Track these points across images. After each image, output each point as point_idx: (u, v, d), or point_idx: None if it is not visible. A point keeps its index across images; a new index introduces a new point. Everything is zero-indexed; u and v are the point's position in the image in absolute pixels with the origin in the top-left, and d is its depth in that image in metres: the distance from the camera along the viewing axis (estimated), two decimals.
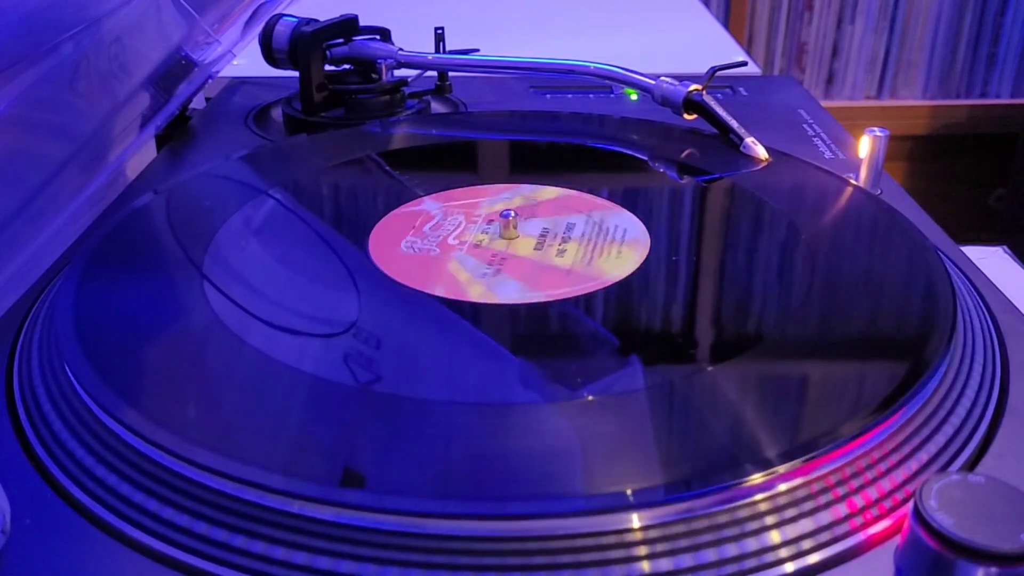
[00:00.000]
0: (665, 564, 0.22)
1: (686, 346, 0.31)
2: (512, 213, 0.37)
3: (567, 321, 0.32)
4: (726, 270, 0.36)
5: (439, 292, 0.33)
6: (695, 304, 0.34)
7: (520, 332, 0.32)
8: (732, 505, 0.23)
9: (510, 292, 0.33)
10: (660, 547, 0.22)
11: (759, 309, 0.33)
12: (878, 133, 0.41)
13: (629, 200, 0.40)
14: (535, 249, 0.36)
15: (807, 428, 0.26)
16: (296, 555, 0.23)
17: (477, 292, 0.33)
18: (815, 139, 0.52)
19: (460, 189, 0.42)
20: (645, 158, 0.46)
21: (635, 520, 0.23)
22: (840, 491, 0.24)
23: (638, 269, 0.34)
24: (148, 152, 0.52)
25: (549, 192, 0.41)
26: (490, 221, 0.38)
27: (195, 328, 0.31)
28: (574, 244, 0.36)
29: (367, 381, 0.28)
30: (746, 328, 0.32)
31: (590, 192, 0.41)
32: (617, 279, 0.34)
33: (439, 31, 0.56)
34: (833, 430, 0.25)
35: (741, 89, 0.61)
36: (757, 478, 0.23)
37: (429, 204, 0.40)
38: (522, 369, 0.29)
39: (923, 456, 0.26)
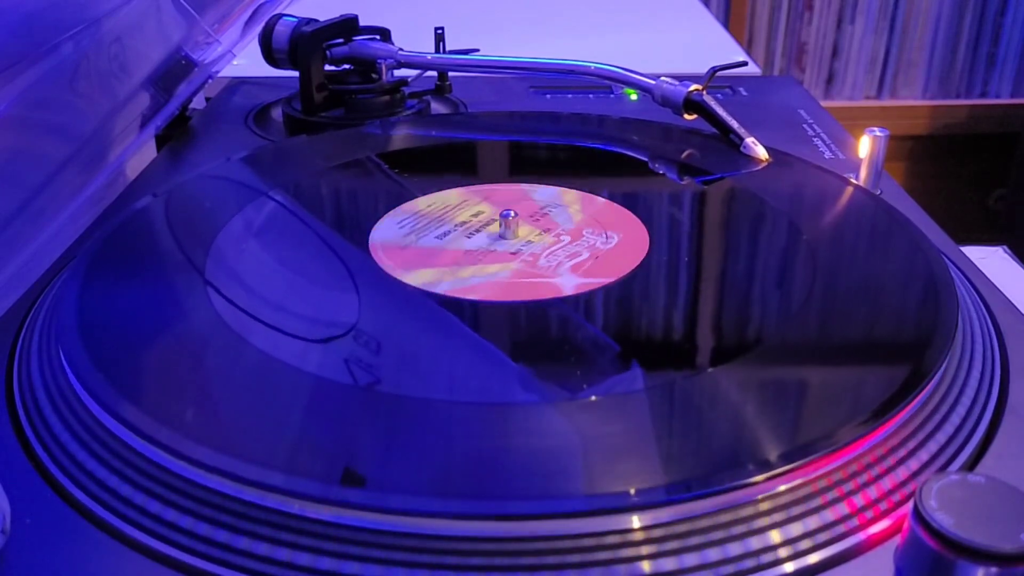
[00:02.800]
0: (666, 564, 0.22)
1: (687, 347, 0.31)
2: (512, 213, 0.37)
3: (568, 322, 0.32)
4: (727, 271, 0.36)
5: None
6: (696, 305, 0.34)
7: (521, 333, 0.32)
8: (733, 505, 0.23)
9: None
10: (661, 547, 0.22)
11: (760, 310, 0.33)
12: (878, 133, 0.41)
13: (629, 200, 0.40)
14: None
15: (808, 428, 0.26)
16: (298, 555, 0.23)
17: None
18: (815, 139, 0.52)
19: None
20: (645, 159, 0.46)
21: (636, 520, 0.23)
22: (840, 491, 0.24)
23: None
24: (148, 152, 0.52)
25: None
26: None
27: (195, 328, 0.31)
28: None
29: (368, 381, 0.28)
30: (747, 329, 0.32)
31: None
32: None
33: (439, 31, 0.56)
34: (833, 430, 0.25)
35: (741, 89, 0.61)
36: (758, 478, 0.23)
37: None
38: (523, 369, 0.29)
39: (923, 456, 0.26)
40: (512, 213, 0.37)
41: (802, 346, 0.30)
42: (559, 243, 0.36)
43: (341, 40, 0.54)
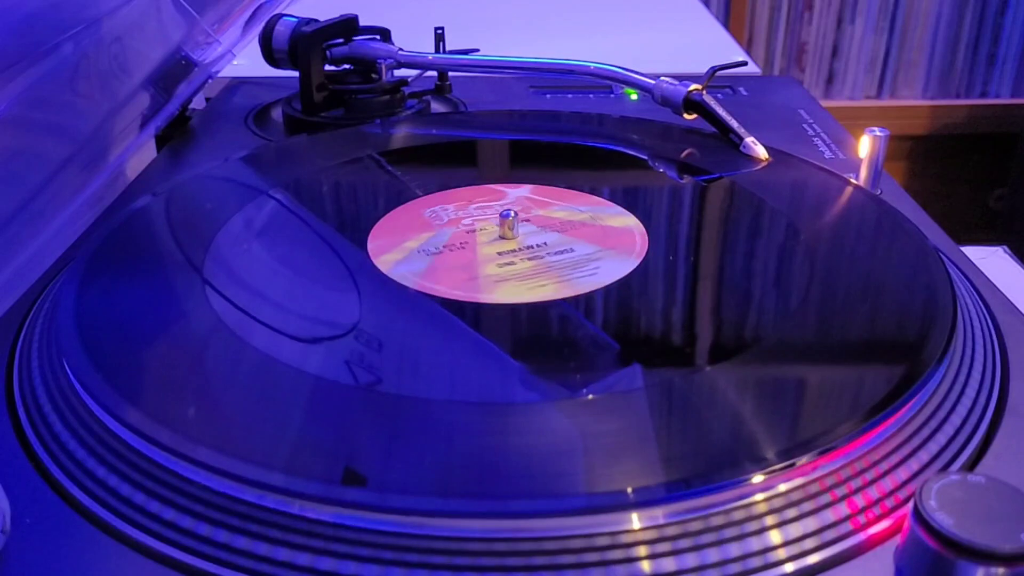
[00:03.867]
0: (666, 564, 0.22)
1: (687, 346, 0.31)
2: (512, 213, 0.37)
3: (567, 321, 0.32)
4: (726, 270, 0.36)
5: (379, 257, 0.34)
6: (695, 304, 0.34)
7: (520, 332, 0.32)
8: (732, 505, 0.23)
9: (404, 271, 0.34)
10: (661, 547, 0.22)
11: (759, 309, 0.33)
12: (878, 133, 0.41)
13: (629, 200, 0.40)
14: (497, 254, 0.36)
15: (807, 428, 0.26)
16: (298, 556, 0.23)
17: (384, 264, 0.33)
18: (815, 139, 0.52)
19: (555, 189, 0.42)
20: (645, 158, 0.46)
21: (635, 520, 0.23)
22: (840, 491, 0.24)
23: (523, 304, 0.33)
24: (148, 152, 0.52)
25: (619, 220, 0.39)
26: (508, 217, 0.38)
27: (195, 328, 0.31)
28: (529, 264, 0.35)
29: (368, 381, 0.28)
30: (746, 328, 0.32)
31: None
32: (489, 302, 0.32)
33: (439, 31, 0.56)
34: (833, 430, 0.25)
35: (741, 89, 0.61)
36: (758, 478, 0.23)
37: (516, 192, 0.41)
38: (522, 369, 0.29)
39: (923, 456, 0.26)
40: (512, 213, 0.37)
41: (802, 346, 0.30)
42: (556, 245, 0.36)
43: (341, 40, 0.54)
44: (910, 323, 0.31)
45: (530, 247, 0.36)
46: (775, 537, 0.23)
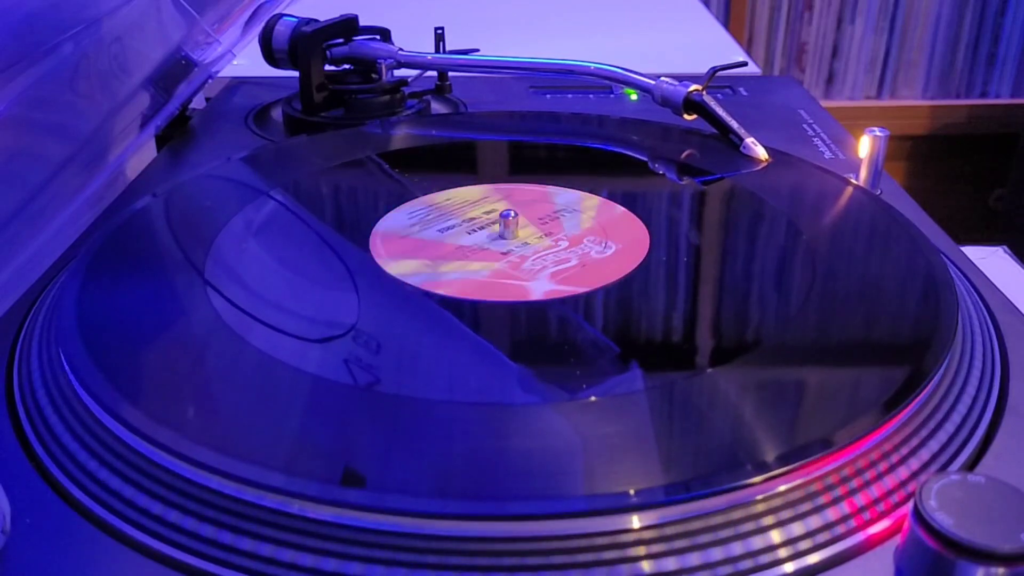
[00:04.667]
0: (666, 564, 0.22)
1: (687, 348, 0.31)
2: (512, 213, 0.37)
3: (567, 323, 0.32)
4: (726, 271, 0.36)
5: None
6: (696, 305, 0.34)
7: (521, 334, 0.32)
8: (733, 505, 0.23)
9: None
10: (660, 548, 0.22)
11: (760, 310, 0.33)
12: (878, 133, 0.41)
13: (629, 200, 0.40)
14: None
15: (808, 428, 0.26)
16: (298, 556, 0.23)
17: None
18: (815, 139, 0.52)
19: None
20: (645, 159, 0.46)
21: (636, 521, 0.23)
22: (840, 491, 0.24)
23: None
24: (148, 152, 0.52)
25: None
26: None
27: (195, 329, 0.31)
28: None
29: (368, 381, 0.28)
30: (747, 329, 0.32)
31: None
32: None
33: (439, 31, 0.56)
34: (833, 430, 0.25)
35: (741, 89, 0.61)
36: (758, 479, 0.23)
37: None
38: (522, 370, 0.29)
39: (923, 456, 0.26)
40: (512, 213, 0.37)
41: (802, 346, 0.30)
42: (554, 248, 0.36)
43: (341, 40, 0.54)
44: (910, 324, 0.31)
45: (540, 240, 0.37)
46: (775, 537, 0.23)
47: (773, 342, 0.30)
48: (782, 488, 0.24)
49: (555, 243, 0.37)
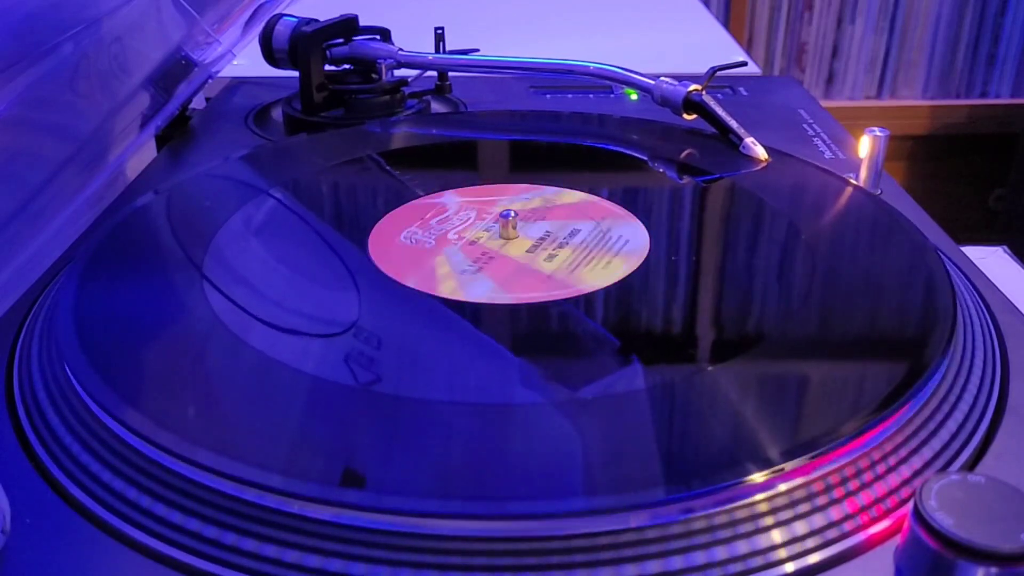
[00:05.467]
0: (665, 564, 0.22)
1: (687, 346, 0.31)
2: (512, 213, 0.37)
3: (568, 321, 0.32)
4: (726, 270, 0.36)
5: (411, 284, 0.33)
6: (696, 304, 0.34)
7: (521, 332, 0.32)
8: (732, 505, 0.23)
9: (479, 291, 0.33)
10: (660, 547, 0.22)
11: (760, 309, 0.33)
12: (878, 133, 0.41)
13: (629, 200, 0.40)
14: (527, 252, 0.36)
15: (807, 428, 0.26)
16: (297, 555, 0.23)
17: (448, 288, 0.33)
18: (815, 139, 0.52)
19: (484, 186, 0.42)
20: (645, 158, 0.46)
21: (635, 520, 0.23)
22: (840, 491, 0.24)
23: (619, 282, 0.34)
24: (148, 152, 0.52)
25: (570, 196, 0.41)
26: (497, 220, 0.38)
27: (195, 328, 0.31)
28: (567, 251, 0.36)
29: (367, 381, 0.28)
30: (747, 328, 0.32)
31: (609, 199, 0.41)
32: (591, 290, 0.33)
33: (439, 31, 0.56)
34: (833, 430, 0.25)
35: (741, 89, 0.61)
36: (758, 478, 0.23)
37: (448, 197, 0.40)
38: (522, 369, 0.29)
39: (923, 456, 0.26)
40: (512, 213, 0.37)
41: (802, 346, 0.30)
42: (552, 247, 0.36)
43: (341, 40, 0.54)
44: (910, 323, 0.31)
45: (542, 238, 0.37)
46: (775, 536, 0.23)
47: (773, 341, 0.30)
48: (782, 487, 0.24)
49: (557, 242, 0.37)
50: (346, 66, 0.55)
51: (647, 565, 0.22)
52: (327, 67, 0.54)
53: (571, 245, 0.36)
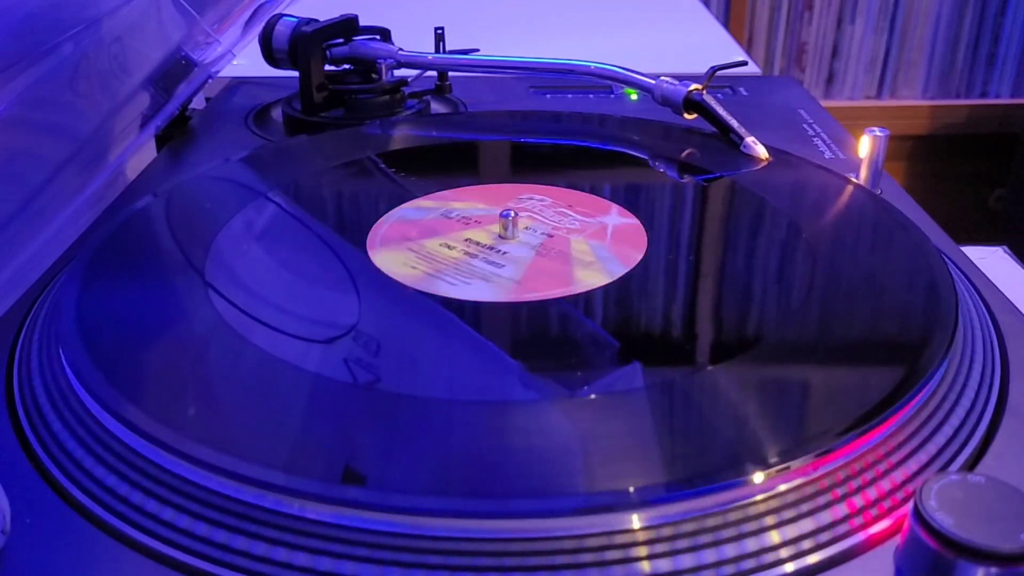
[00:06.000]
0: (665, 564, 0.22)
1: (688, 346, 0.31)
2: (512, 213, 0.37)
3: (567, 320, 0.32)
4: (726, 269, 0.36)
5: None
6: (696, 304, 0.34)
7: (520, 331, 0.32)
8: (732, 505, 0.23)
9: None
10: (660, 547, 0.22)
11: (760, 309, 0.33)
12: (878, 133, 0.41)
13: (630, 199, 0.40)
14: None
15: (807, 428, 0.26)
16: (296, 555, 0.23)
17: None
18: (815, 139, 0.52)
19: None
20: (645, 158, 0.46)
21: (635, 520, 0.23)
22: (840, 491, 0.24)
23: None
24: (148, 152, 0.52)
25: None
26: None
27: (195, 328, 0.31)
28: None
29: (368, 380, 0.28)
30: (747, 328, 0.32)
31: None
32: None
33: (439, 31, 0.56)
34: (833, 430, 0.25)
35: (741, 89, 0.61)
36: (758, 478, 0.23)
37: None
38: (522, 368, 0.29)
39: (923, 456, 0.26)
40: (512, 213, 0.37)
41: (802, 346, 0.30)
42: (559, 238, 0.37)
43: (341, 40, 0.54)
44: (911, 323, 0.31)
45: (550, 235, 0.37)
46: (775, 537, 0.23)
47: (773, 341, 0.30)
48: (782, 487, 0.24)
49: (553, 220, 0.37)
50: (346, 66, 0.55)
51: (646, 565, 0.22)
52: (327, 67, 0.54)
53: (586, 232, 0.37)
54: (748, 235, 0.39)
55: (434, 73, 0.59)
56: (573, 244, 0.36)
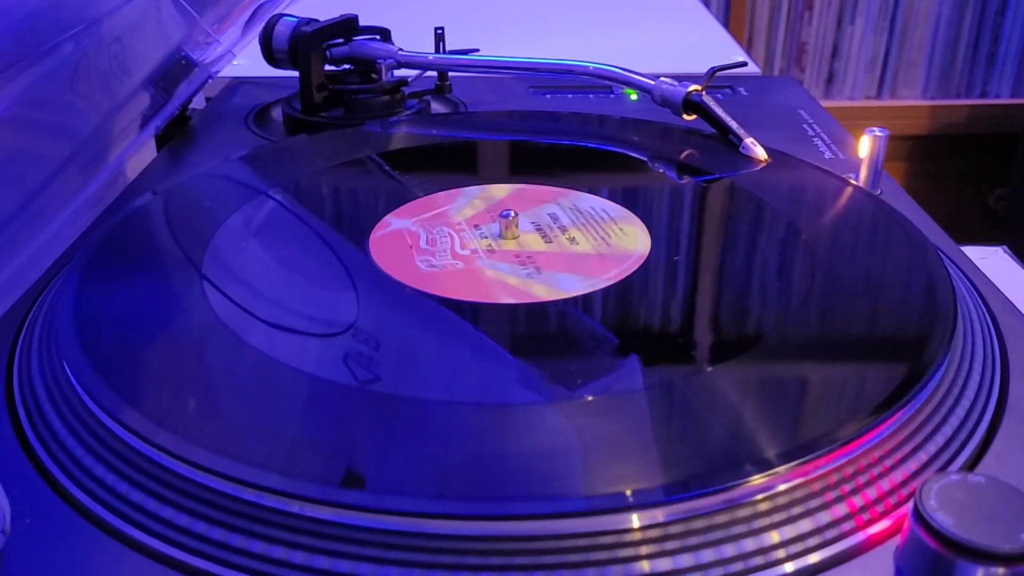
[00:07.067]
0: (664, 564, 0.22)
1: (686, 346, 0.31)
2: (512, 213, 0.37)
3: (566, 321, 0.32)
4: (726, 270, 0.36)
5: (506, 300, 0.32)
6: (695, 304, 0.34)
7: (519, 332, 0.32)
8: (732, 505, 0.23)
9: (572, 284, 0.33)
10: (659, 547, 0.22)
11: (759, 309, 0.33)
12: (878, 133, 0.41)
13: (630, 200, 0.40)
14: (546, 243, 0.36)
15: (807, 428, 0.26)
16: (294, 554, 0.23)
17: (541, 291, 0.33)
18: (815, 139, 0.52)
19: (415, 202, 0.41)
20: (645, 158, 0.46)
21: (634, 520, 0.23)
22: (840, 491, 0.24)
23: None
24: (148, 152, 0.52)
25: (501, 190, 0.42)
26: (476, 225, 0.38)
27: (194, 328, 0.31)
28: (577, 231, 0.36)
29: (367, 381, 0.28)
30: (746, 328, 0.32)
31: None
32: (644, 253, 0.35)
33: (439, 31, 0.56)
34: (833, 430, 0.25)
35: (741, 89, 0.61)
36: (757, 478, 0.23)
37: (399, 223, 0.39)
38: (521, 369, 0.29)
39: (923, 456, 0.26)
40: (511, 213, 0.37)
41: (802, 346, 0.30)
42: (560, 233, 0.36)
43: (341, 40, 0.54)
44: (910, 323, 0.31)
45: (540, 229, 0.37)
46: (775, 537, 0.23)
47: (773, 341, 0.30)
48: (782, 487, 0.24)
49: (555, 228, 0.37)
50: (346, 66, 0.55)
51: (646, 565, 0.22)
52: (327, 67, 0.54)
53: (573, 226, 0.36)
54: (747, 236, 0.39)
55: (434, 73, 0.59)
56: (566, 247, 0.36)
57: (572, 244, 0.36)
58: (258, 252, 0.37)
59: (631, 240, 0.36)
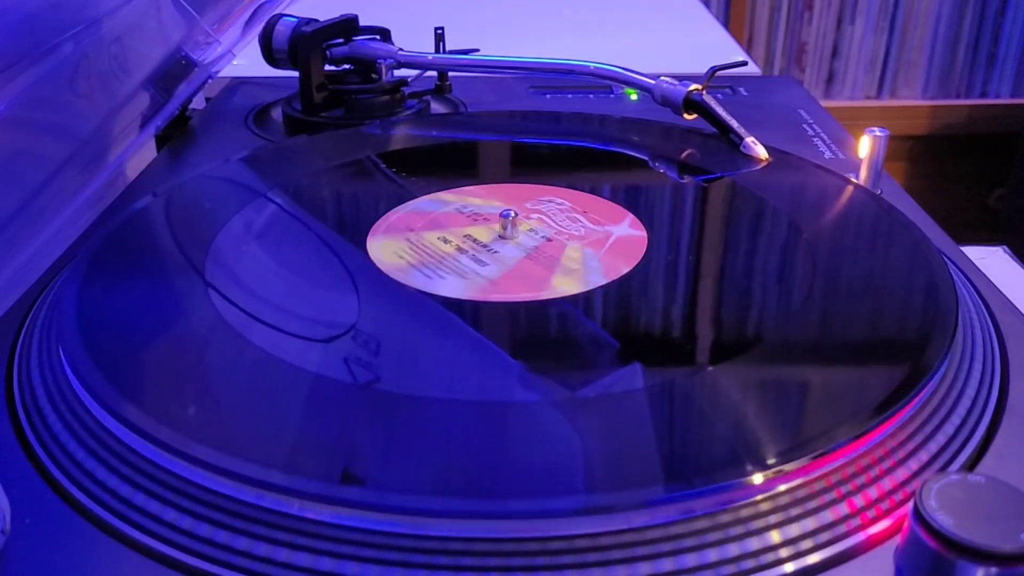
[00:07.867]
0: (665, 564, 0.22)
1: (687, 346, 0.31)
2: (512, 213, 0.37)
3: (567, 321, 0.32)
4: (727, 270, 0.36)
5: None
6: (696, 304, 0.34)
7: (520, 332, 0.32)
8: (732, 505, 0.23)
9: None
10: (659, 547, 0.22)
11: (760, 309, 0.33)
12: (878, 133, 0.41)
13: (630, 200, 0.40)
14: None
15: (808, 428, 0.26)
16: (297, 556, 0.23)
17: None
18: (815, 139, 0.52)
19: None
20: (645, 158, 0.46)
21: (635, 520, 0.23)
22: (840, 491, 0.24)
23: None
24: (148, 152, 0.52)
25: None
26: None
27: (195, 329, 0.31)
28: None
29: (367, 380, 0.28)
30: (747, 328, 0.32)
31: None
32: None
33: (439, 31, 0.56)
34: (833, 430, 0.25)
35: (741, 89, 0.61)
36: (757, 478, 0.23)
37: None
38: (522, 368, 0.29)
39: (923, 456, 0.26)
40: (512, 213, 0.37)
41: (802, 346, 0.30)
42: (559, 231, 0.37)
43: (341, 40, 0.54)
44: (911, 323, 0.31)
45: (549, 239, 0.37)
46: (775, 537, 0.23)
47: (774, 341, 0.30)
48: (782, 488, 0.24)
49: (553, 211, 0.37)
50: (346, 66, 0.55)
51: (646, 565, 0.22)
52: (327, 67, 0.54)
53: (574, 226, 0.37)
54: (748, 235, 0.39)
55: (434, 73, 0.59)
56: (567, 250, 0.36)
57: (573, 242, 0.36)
58: (258, 253, 0.37)
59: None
